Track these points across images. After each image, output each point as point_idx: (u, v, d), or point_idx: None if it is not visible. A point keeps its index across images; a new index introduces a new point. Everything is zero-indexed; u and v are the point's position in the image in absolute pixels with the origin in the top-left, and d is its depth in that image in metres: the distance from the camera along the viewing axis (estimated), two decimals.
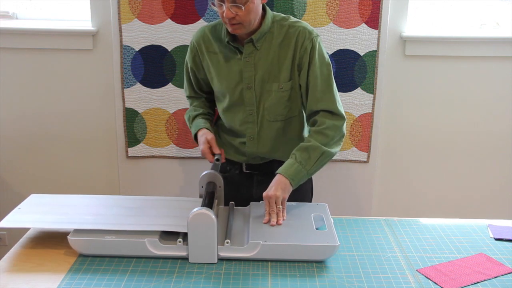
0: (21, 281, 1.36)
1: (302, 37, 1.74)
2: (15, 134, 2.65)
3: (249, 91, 1.78)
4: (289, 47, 1.75)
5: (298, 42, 1.74)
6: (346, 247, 1.55)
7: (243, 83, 1.78)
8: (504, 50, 2.53)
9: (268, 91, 1.77)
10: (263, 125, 1.82)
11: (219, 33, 1.82)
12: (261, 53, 1.76)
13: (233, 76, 1.79)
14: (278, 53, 1.76)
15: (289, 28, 1.76)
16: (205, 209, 1.42)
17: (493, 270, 1.45)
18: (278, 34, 1.77)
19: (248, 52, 1.76)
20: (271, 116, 1.81)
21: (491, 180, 2.73)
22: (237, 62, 1.78)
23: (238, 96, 1.80)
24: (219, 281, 1.37)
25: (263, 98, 1.78)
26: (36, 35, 2.50)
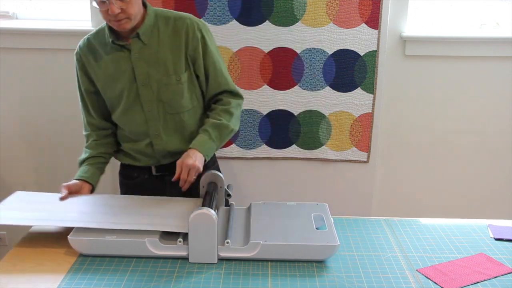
0: (21, 281, 1.35)
1: (192, 28, 1.74)
2: (15, 134, 2.65)
3: (144, 88, 1.74)
4: (180, 39, 1.74)
5: (189, 33, 1.74)
6: (346, 247, 1.55)
7: (137, 80, 1.73)
8: (504, 50, 2.53)
9: (165, 84, 1.74)
10: (166, 119, 1.78)
11: (102, 38, 1.76)
12: (151, 48, 1.73)
13: (126, 76, 1.74)
14: (169, 46, 1.74)
15: (176, 21, 1.75)
16: (206, 209, 1.42)
17: (493, 270, 1.45)
18: (165, 27, 1.74)
19: (137, 49, 1.72)
20: (172, 109, 1.77)
21: (491, 180, 2.73)
22: (127, 60, 1.73)
23: (134, 96, 1.75)
24: (219, 281, 1.37)
25: (161, 93, 1.75)
26: (36, 35, 2.50)
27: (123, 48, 1.72)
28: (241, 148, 2.58)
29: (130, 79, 1.74)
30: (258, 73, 2.47)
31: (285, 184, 2.63)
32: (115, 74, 1.74)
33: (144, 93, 1.74)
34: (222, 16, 2.38)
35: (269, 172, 2.63)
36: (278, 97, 2.50)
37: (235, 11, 2.38)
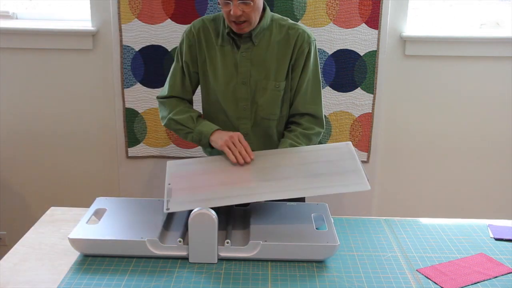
0: (21, 281, 1.35)
1: (301, 39, 1.76)
2: (15, 133, 2.65)
3: (243, 86, 1.77)
4: (288, 48, 1.76)
5: (297, 43, 1.76)
6: (346, 247, 1.54)
7: (238, 77, 1.77)
8: (504, 50, 2.53)
9: (263, 88, 1.77)
10: (257, 122, 1.81)
11: (218, 26, 1.81)
12: (259, 49, 1.76)
13: (228, 70, 1.77)
14: (276, 51, 1.76)
15: (289, 29, 1.77)
16: (206, 209, 1.42)
17: (493, 270, 1.45)
18: (277, 32, 1.77)
19: (246, 47, 1.75)
20: (265, 113, 1.80)
21: (491, 180, 2.73)
22: (233, 56, 1.77)
23: (231, 91, 1.79)
24: (219, 281, 1.37)
25: (257, 95, 1.78)
26: (36, 35, 2.50)
27: (234, 43, 1.76)
28: None
29: (232, 74, 1.77)
30: None
31: None
32: (219, 65, 1.77)
33: (242, 91, 1.77)
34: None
35: None
36: None
37: None
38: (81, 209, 1.74)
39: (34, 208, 2.73)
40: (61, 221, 1.68)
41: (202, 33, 1.81)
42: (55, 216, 1.71)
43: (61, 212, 1.74)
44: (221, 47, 1.78)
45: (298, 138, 1.77)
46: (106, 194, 2.09)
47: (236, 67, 1.76)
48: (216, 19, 1.82)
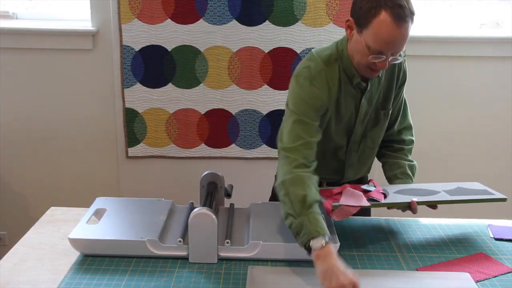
0: (21, 281, 1.35)
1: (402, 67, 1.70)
2: (14, 134, 2.65)
3: (360, 124, 1.68)
4: (393, 75, 1.68)
5: (400, 69, 1.69)
6: (346, 247, 1.54)
7: (358, 118, 1.65)
8: (504, 50, 2.53)
9: (374, 120, 1.70)
10: (365, 152, 1.75)
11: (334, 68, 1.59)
12: (374, 88, 1.65)
13: (349, 112, 1.64)
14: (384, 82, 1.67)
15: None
16: (206, 209, 1.42)
17: (493, 269, 1.45)
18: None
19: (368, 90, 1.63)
20: (374, 143, 1.75)
21: (491, 180, 2.73)
22: (355, 98, 1.62)
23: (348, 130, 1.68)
24: (219, 281, 1.37)
25: (369, 127, 1.70)
26: (36, 35, 2.50)
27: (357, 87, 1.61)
28: (241, 148, 2.58)
29: (350, 116, 1.64)
30: (258, 73, 2.47)
31: None
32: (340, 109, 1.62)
33: (358, 129, 1.68)
34: (222, 16, 2.38)
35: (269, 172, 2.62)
36: (278, 97, 2.50)
37: (235, 11, 2.38)
38: (81, 209, 1.73)
39: (34, 208, 2.73)
40: (61, 221, 1.67)
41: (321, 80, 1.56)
42: (55, 216, 1.71)
43: (61, 212, 1.74)
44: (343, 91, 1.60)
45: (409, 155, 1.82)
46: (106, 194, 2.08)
47: (356, 109, 1.64)
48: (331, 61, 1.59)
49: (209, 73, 2.47)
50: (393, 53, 1.47)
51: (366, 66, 1.52)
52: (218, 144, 2.59)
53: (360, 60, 1.51)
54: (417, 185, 1.69)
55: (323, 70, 1.56)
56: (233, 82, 2.49)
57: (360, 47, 1.48)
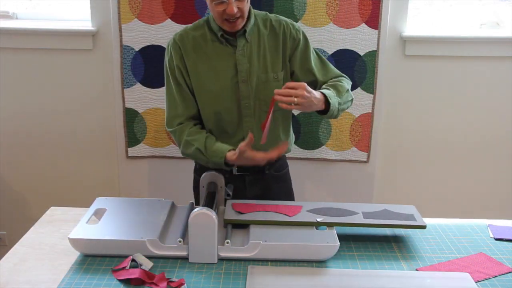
0: (21, 281, 1.35)
1: (288, 29, 1.80)
2: (15, 134, 2.65)
3: (244, 84, 1.77)
4: (278, 39, 1.79)
5: (286, 34, 1.80)
6: (346, 247, 1.54)
7: (238, 77, 1.76)
8: (504, 50, 2.53)
9: (263, 82, 1.78)
10: (260, 117, 1.80)
11: (203, 32, 1.78)
12: (252, 46, 1.77)
13: (228, 71, 1.77)
14: (268, 45, 1.79)
15: (273, 22, 1.81)
16: (206, 209, 1.42)
17: (493, 269, 1.45)
18: (263, 27, 1.80)
19: (241, 45, 1.76)
20: (267, 106, 1.78)
21: (491, 180, 2.73)
22: (230, 56, 1.76)
23: (232, 92, 1.78)
24: (219, 281, 1.37)
25: (258, 90, 1.78)
26: (36, 35, 2.50)
27: (228, 44, 1.75)
28: None
29: (231, 75, 1.76)
30: None
31: None
32: (217, 69, 1.76)
33: (243, 89, 1.77)
34: None
35: None
36: None
37: None
38: (81, 209, 1.73)
39: (34, 208, 2.73)
40: (61, 221, 1.68)
41: (187, 41, 1.77)
42: (55, 216, 1.71)
43: (61, 212, 1.74)
44: (214, 51, 1.77)
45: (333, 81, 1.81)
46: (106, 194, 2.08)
47: (235, 67, 1.76)
48: (198, 27, 1.80)
49: None
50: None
51: (222, 20, 1.67)
52: None
53: (216, 16, 1.68)
54: (337, 204, 1.68)
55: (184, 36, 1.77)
56: None
57: (209, 5, 1.67)
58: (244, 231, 1.56)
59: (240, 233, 1.56)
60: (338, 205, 1.67)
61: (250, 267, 1.42)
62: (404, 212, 1.65)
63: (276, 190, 1.90)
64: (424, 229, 1.61)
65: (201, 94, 1.79)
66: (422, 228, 1.59)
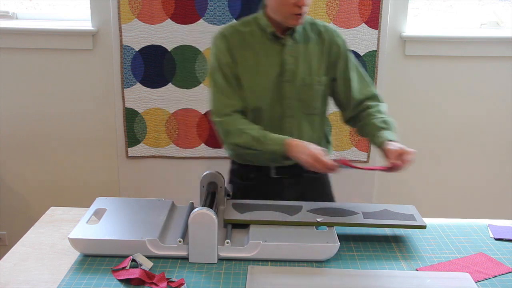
0: (21, 281, 1.35)
1: (333, 36, 1.80)
2: (15, 134, 2.65)
3: (288, 84, 1.75)
4: (323, 45, 1.79)
5: (332, 40, 1.79)
6: (346, 247, 1.54)
7: (284, 76, 1.75)
8: (504, 50, 2.54)
9: (308, 84, 1.77)
10: (301, 119, 1.79)
11: (251, 28, 1.77)
12: (299, 48, 1.76)
13: (273, 69, 1.75)
14: (314, 48, 1.78)
15: (320, 27, 1.81)
16: (206, 209, 1.42)
17: (493, 269, 1.45)
18: (310, 31, 1.79)
19: (290, 45, 1.75)
20: (309, 109, 1.79)
21: (491, 180, 2.73)
22: (278, 55, 1.75)
23: (276, 90, 1.75)
24: (219, 281, 1.37)
25: (302, 91, 1.77)
26: (36, 35, 2.50)
27: (276, 42, 1.75)
28: None
29: (276, 73, 1.75)
30: None
31: None
32: (263, 65, 1.74)
33: (287, 89, 1.76)
34: (222, 16, 2.38)
35: None
36: None
37: (235, 11, 2.38)
38: (81, 209, 1.73)
39: (34, 208, 2.73)
40: (61, 221, 1.68)
41: (235, 35, 1.76)
42: (55, 216, 1.71)
43: (61, 212, 1.74)
44: (262, 48, 1.75)
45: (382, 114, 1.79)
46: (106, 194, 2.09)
47: (281, 66, 1.75)
48: (246, 23, 1.79)
49: None
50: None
51: (290, 13, 1.65)
52: (218, 144, 2.58)
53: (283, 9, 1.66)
54: (337, 204, 1.68)
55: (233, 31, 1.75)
56: None
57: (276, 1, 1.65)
58: (244, 231, 1.56)
59: (240, 233, 1.55)
60: (338, 205, 1.67)
61: (250, 267, 1.42)
62: (404, 212, 1.65)
63: (314, 194, 1.86)
64: (424, 229, 1.61)
65: (244, 88, 1.75)
66: (422, 228, 1.59)
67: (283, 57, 1.74)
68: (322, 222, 1.55)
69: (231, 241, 1.47)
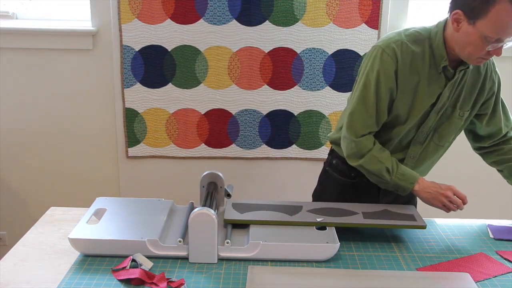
0: (21, 281, 1.35)
1: (491, 70, 1.71)
2: (14, 134, 2.65)
3: (435, 114, 1.67)
4: (479, 77, 1.68)
5: (488, 74, 1.70)
6: (346, 247, 1.54)
7: (436, 107, 1.66)
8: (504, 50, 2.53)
9: (447, 116, 1.70)
10: (429, 148, 1.74)
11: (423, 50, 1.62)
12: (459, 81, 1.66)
13: (430, 99, 1.65)
14: (468, 80, 1.67)
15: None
16: (206, 209, 1.42)
17: (493, 269, 1.45)
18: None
19: (455, 79, 1.63)
20: (440, 141, 1.74)
21: (491, 180, 2.73)
22: (439, 86, 1.63)
23: (422, 118, 1.68)
24: (219, 281, 1.37)
25: (440, 122, 1.71)
26: (36, 35, 2.50)
27: (443, 73, 1.62)
28: (241, 148, 2.58)
29: (430, 103, 1.65)
30: (258, 73, 2.47)
31: (285, 184, 2.63)
32: (420, 95, 1.64)
33: (432, 118, 1.68)
34: (222, 16, 2.38)
35: (269, 172, 2.63)
36: (278, 97, 2.50)
37: (235, 11, 2.38)
38: (81, 209, 1.73)
39: (34, 208, 2.73)
40: (61, 221, 1.68)
41: (407, 56, 1.61)
42: (55, 216, 1.71)
43: (61, 212, 1.74)
44: (428, 76, 1.63)
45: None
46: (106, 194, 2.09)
47: (438, 97, 1.65)
48: (418, 41, 1.62)
49: (209, 73, 2.47)
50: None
51: (479, 56, 1.54)
52: (218, 144, 2.59)
53: (473, 51, 1.52)
54: (337, 204, 1.68)
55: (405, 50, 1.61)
56: (233, 82, 2.49)
57: (473, 38, 1.49)
58: (244, 231, 1.56)
59: (240, 233, 1.55)
60: (338, 205, 1.67)
61: (250, 267, 1.42)
62: (404, 212, 1.65)
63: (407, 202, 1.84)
64: (424, 229, 1.61)
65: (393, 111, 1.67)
66: (422, 228, 1.59)
67: (444, 91, 1.64)
68: (322, 222, 1.55)
69: (231, 241, 1.47)
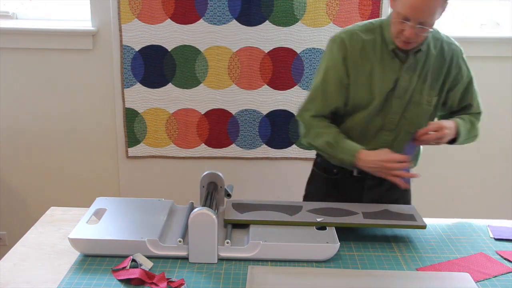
0: (21, 281, 1.35)
1: (457, 57, 1.74)
2: (14, 134, 2.65)
3: (397, 100, 1.69)
4: (443, 64, 1.71)
5: (453, 61, 1.72)
6: (346, 247, 1.54)
7: (396, 91, 1.68)
8: (504, 50, 2.54)
9: (415, 102, 1.71)
10: (400, 134, 1.75)
11: (373, 38, 1.68)
12: (418, 64, 1.68)
13: (387, 84, 1.68)
14: (432, 67, 1.70)
15: (444, 44, 1.73)
16: (206, 209, 1.42)
17: (493, 269, 1.45)
18: (433, 47, 1.71)
19: (410, 62, 1.67)
20: (410, 127, 1.74)
21: (491, 180, 2.73)
22: (394, 72, 1.67)
23: (383, 104, 1.70)
24: (219, 281, 1.37)
25: (408, 108, 1.71)
26: (36, 35, 2.50)
27: (396, 58, 1.66)
28: (241, 148, 2.58)
29: (388, 88, 1.68)
30: (258, 73, 2.47)
31: (285, 184, 2.63)
32: (376, 80, 1.67)
33: (395, 105, 1.70)
34: (222, 16, 2.38)
35: (269, 172, 2.63)
36: (278, 97, 2.50)
37: (235, 11, 2.38)
38: (81, 209, 1.73)
39: (34, 208, 2.73)
40: (61, 221, 1.68)
41: (356, 43, 1.67)
42: (55, 216, 1.71)
43: (61, 212, 1.74)
44: (381, 62, 1.68)
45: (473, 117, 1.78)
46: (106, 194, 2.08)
47: (395, 81, 1.68)
48: (370, 30, 1.69)
49: (209, 73, 2.47)
50: (421, 23, 1.53)
51: (397, 36, 1.60)
52: (218, 144, 2.59)
53: (393, 30, 1.60)
54: (337, 204, 1.68)
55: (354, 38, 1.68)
56: (233, 82, 2.49)
57: (394, 16, 1.58)
58: (244, 231, 1.56)
59: (240, 233, 1.55)
60: (338, 205, 1.67)
61: (250, 267, 1.42)
62: (404, 212, 1.65)
63: (393, 197, 1.83)
64: (424, 229, 1.61)
65: (350, 97, 1.71)
66: (422, 228, 1.59)
67: (399, 74, 1.67)
68: (322, 222, 1.55)
69: (231, 241, 1.47)
